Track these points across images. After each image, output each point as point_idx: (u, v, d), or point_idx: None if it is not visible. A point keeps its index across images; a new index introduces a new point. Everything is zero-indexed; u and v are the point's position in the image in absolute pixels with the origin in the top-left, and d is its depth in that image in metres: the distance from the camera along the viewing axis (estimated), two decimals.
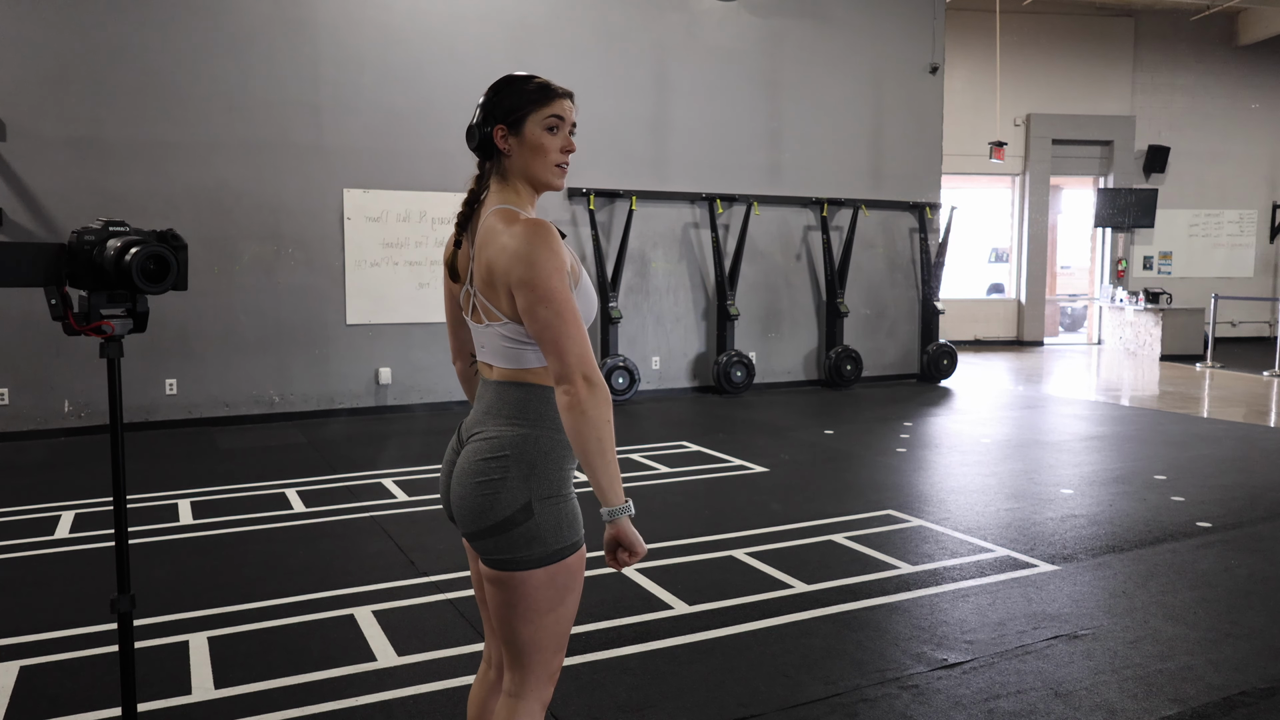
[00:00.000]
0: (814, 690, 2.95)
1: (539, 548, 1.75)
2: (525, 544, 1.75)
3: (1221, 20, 14.71)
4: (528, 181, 1.85)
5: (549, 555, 1.76)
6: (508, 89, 1.83)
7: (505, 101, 1.83)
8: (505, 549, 1.76)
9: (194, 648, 3.28)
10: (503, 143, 1.83)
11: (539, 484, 1.76)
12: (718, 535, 4.57)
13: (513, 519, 1.74)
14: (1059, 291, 15.82)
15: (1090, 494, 5.46)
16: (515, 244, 1.72)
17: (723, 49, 9.67)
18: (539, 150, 1.82)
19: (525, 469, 1.76)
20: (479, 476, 1.78)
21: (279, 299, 8.01)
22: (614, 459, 1.69)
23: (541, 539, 1.76)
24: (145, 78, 7.48)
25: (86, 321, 1.63)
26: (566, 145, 1.84)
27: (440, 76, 8.40)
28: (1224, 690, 2.95)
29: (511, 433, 1.79)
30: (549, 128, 1.82)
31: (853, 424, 7.98)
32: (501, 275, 1.74)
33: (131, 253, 1.56)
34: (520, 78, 1.86)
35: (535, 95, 1.82)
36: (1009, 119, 14.22)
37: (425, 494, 5.46)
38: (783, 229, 10.11)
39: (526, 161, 1.83)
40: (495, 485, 1.76)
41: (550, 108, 1.82)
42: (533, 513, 1.75)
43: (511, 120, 1.82)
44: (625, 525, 1.71)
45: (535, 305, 1.69)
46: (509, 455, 1.77)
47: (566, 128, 1.84)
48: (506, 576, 1.78)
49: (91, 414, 7.42)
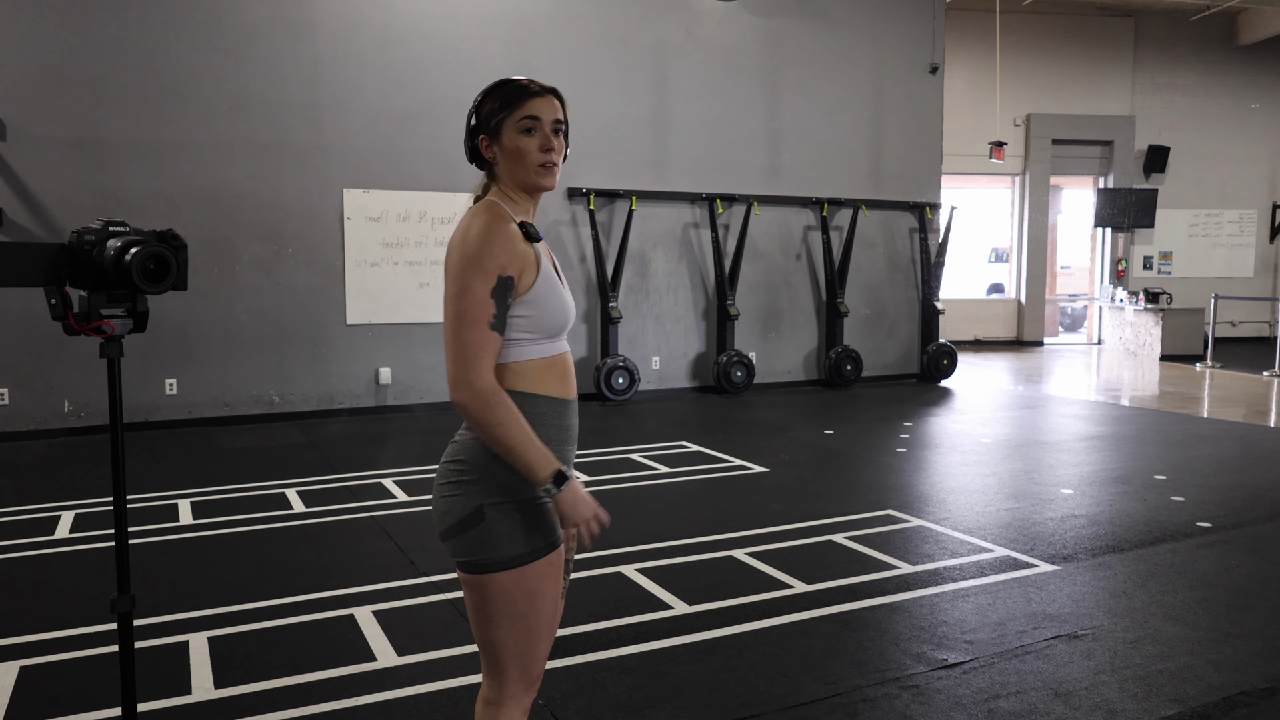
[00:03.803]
0: (814, 690, 2.95)
1: (494, 552, 1.75)
2: (480, 547, 1.76)
3: (1221, 20, 14.71)
4: (518, 186, 1.85)
5: (509, 560, 1.76)
6: (485, 98, 1.83)
7: (483, 110, 1.83)
8: (464, 551, 1.78)
9: (194, 648, 3.28)
10: (488, 152, 1.84)
11: (489, 489, 1.76)
12: (718, 535, 4.57)
13: (465, 522, 1.76)
14: (1059, 291, 15.82)
15: (1090, 494, 5.46)
16: (456, 232, 1.77)
17: (723, 49, 9.67)
18: (518, 155, 1.81)
19: (477, 473, 1.76)
20: (441, 479, 1.82)
21: (279, 299, 8.01)
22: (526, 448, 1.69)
23: (496, 544, 1.75)
24: (145, 78, 7.48)
25: (87, 321, 1.63)
26: (545, 143, 1.81)
27: (441, 77, 8.40)
28: (1224, 690, 2.95)
29: (468, 436, 1.80)
30: (525, 130, 1.80)
31: (853, 424, 7.98)
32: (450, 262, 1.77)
33: (131, 253, 1.56)
34: (497, 84, 1.85)
35: (507, 100, 1.81)
36: (1009, 119, 14.22)
37: (425, 494, 5.45)
38: (783, 229, 10.11)
39: (511, 166, 1.83)
40: (453, 489, 1.78)
41: (522, 109, 1.80)
42: (484, 516, 1.75)
43: (491, 128, 1.82)
44: (561, 500, 1.72)
45: (447, 299, 1.72)
46: (464, 460, 1.79)
47: (546, 126, 1.82)
48: (471, 579, 1.79)
49: (92, 414, 7.42)
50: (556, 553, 1.83)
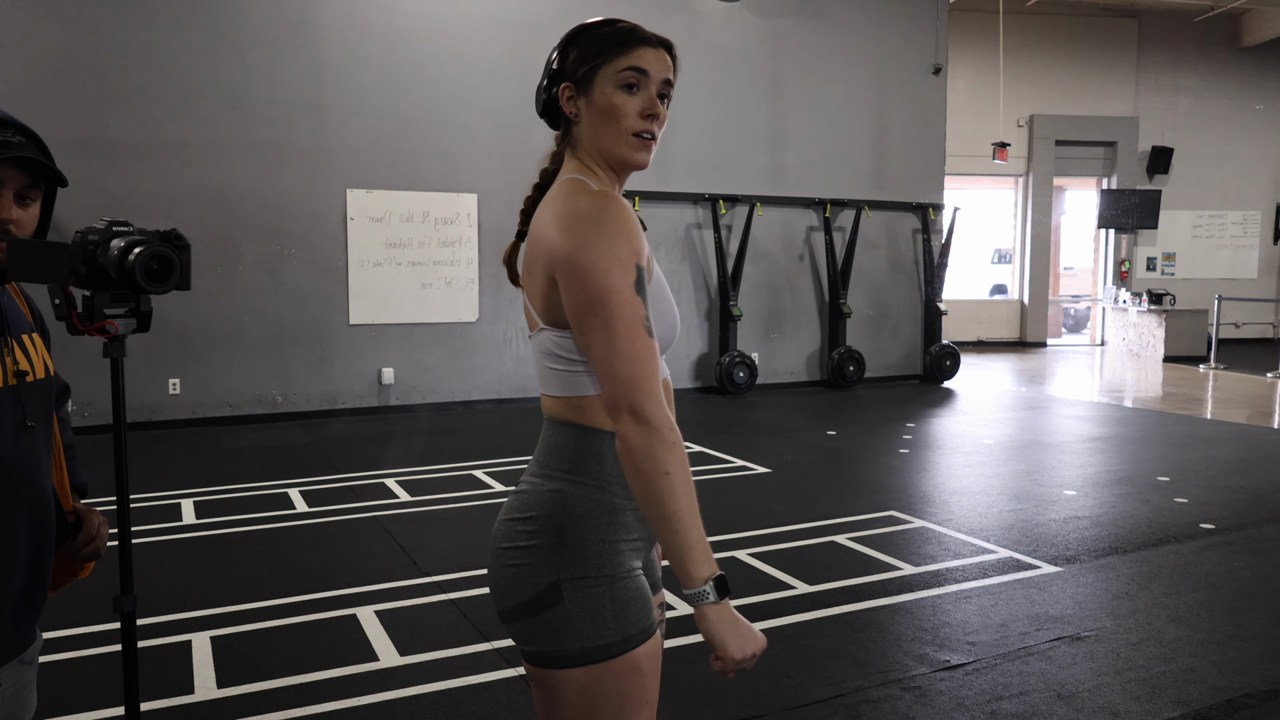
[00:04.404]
0: (816, 691, 2.95)
1: (574, 642, 1.33)
2: (555, 636, 1.34)
3: (1225, 21, 14.69)
4: (603, 157, 1.42)
5: (588, 652, 1.33)
6: (581, 37, 1.42)
7: (574, 53, 1.41)
8: (532, 639, 1.37)
9: (197, 647, 3.28)
10: (569, 105, 1.42)
11: (570, 559, 1.35)
12: (720, 536, 4.57)
13: (537, 601, 1.35)
14: (1062, 293, 15.81)
15: (1093, 495, 5.46)
16: (571, 218, 1.32)
17: (726, 50, 9.67)
18: (610, 114, 1.39)
19: (554, 535, 1.36)
20: (504, 541, 1.41)
21: (282, 299, 8.02)
22: (690, 524, 1.27)
23: (575, 631, 1.33)
24: (149, 78, 7.49)
25: (90, 321, 1.63)
26: (649, 106, 1.40)
27: (443, 77, 8.40)
28: (1227, 692, 2.94)
29: (543, 487, 1.39)
30: (626, 84, 1.38)
31: (855, 425, 7.97)
32: (544, 258, 1.35)
33: (135, 253, 1.56)
34: (595, 22, 1.44)
35: (609, 43, 1.39)
36: (1012, 120, 14.20)
37: (427, 494, 5.46)
38: (785, 230, 10.11)
39: (597, 129, 1.40)
40: (520, 555, 1.37)
41: (627, 58, 1.38)
42: (561, 595, 1.34)
43: (580, 76, 1.40)
44: (709, 617, 1.27)
45: (585, 309, 1.28)
46: (536, 518, 1.37)
47: (653, 86, 1.40)
48: (540, 674, 1.38)
49: (95, 414, 7.43)
50: (654, 642, 1.39)
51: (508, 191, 8.51)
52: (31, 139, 1.42)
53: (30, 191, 1.42)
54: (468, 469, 6.09)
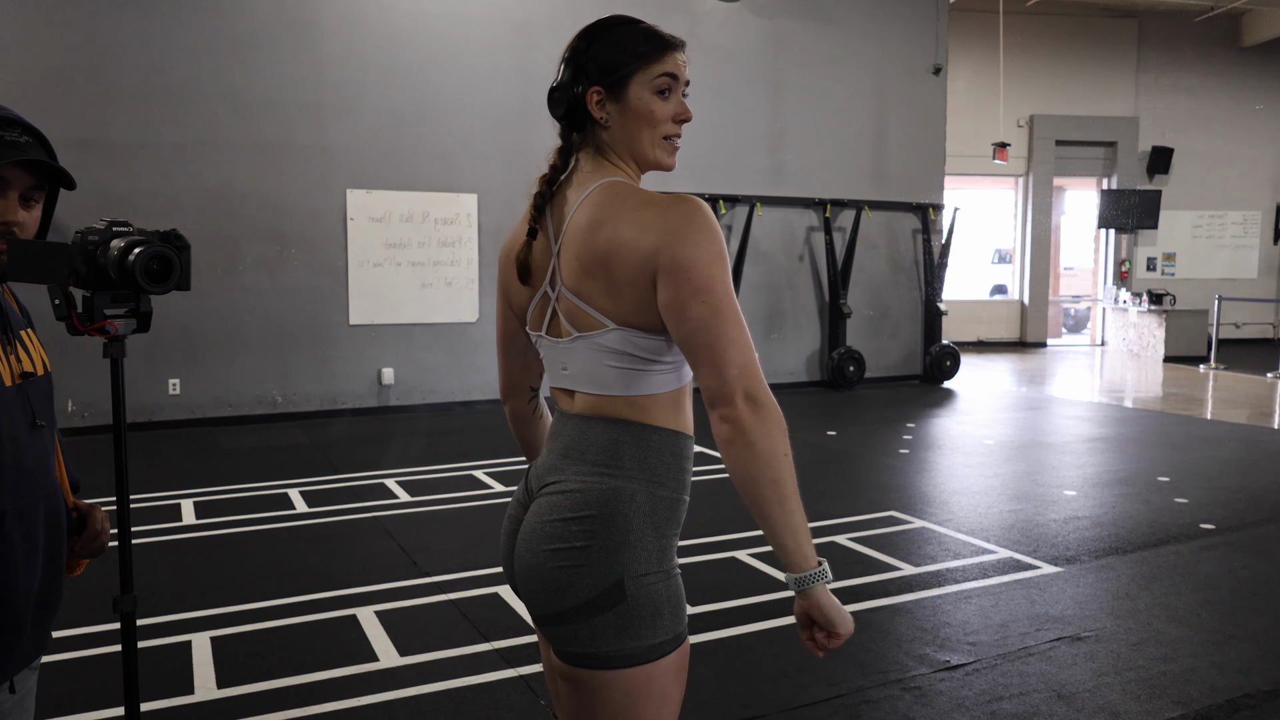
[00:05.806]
0: (817, 691, 2.95)
1: (631, 641, 1.33)
2: (613, 635, 1.33)
3: (1225, 21, 14.69)
4: (634, 160, 1.44)
5: (644, 651, 1.34)
6: (606, 38, 1.40)
7: (603, 55, 1.39)
8: (586, 640, 1.34)
9: (197, 647, 3.28)
10: (599, 110, 1.41)
11: (635, 556, 1.34)
12: (720, 536, 4.57)
13: (598, 602, 1.33)
14: (1062, 293, 15.80)
15: (1093, 496, 5.46)
16: (664, 219, 1.31)
17: (725, 50, 9.66)
18: (646, 119, 1.40)
19: (618, 535, 1.34)
20: (554, 543, 1.36)
21: (282, 299, 8.02)
22: (798, 507, 1.31)
23: (634, 629, 1.33)
24: (149, 78, 7.49)
25: (90, 322, 1.63)
26: (681, 113, 1.42)
27: (443, 77, 8.40)
28: (1228, 692, 2.94)
29: (600, 485, 1.37)
30: (660, 90, 1.40)
31: (855, 425, 7.97)
32: (633, 260, 1.32)
33: (135, 253, 1.56)
34: (621, 22, 1.42)
35: (644, 48, 1.39)
36: (1012, 120, 14.20)
37: (427, 494, 5.46)
38: (785, 230, 10.10)
39: (631, 134, 1.41)
40: (576, 556, 1.34)
41: (662, 64, 1.39)
42: (625, 594, 1.33)
43: (611, 81, 1.39)
44: (820, 596, 1.30)
45: (689, 299, 1.29)
46: (595, 516, 1.35)
47: (680, 88, 1.43)
48: (587, 676, 1.35)
49: (95, 414, 7.43)
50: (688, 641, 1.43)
51: (507, 191, 8.51)
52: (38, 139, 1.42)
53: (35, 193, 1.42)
54: (468, 469, 6.09)
